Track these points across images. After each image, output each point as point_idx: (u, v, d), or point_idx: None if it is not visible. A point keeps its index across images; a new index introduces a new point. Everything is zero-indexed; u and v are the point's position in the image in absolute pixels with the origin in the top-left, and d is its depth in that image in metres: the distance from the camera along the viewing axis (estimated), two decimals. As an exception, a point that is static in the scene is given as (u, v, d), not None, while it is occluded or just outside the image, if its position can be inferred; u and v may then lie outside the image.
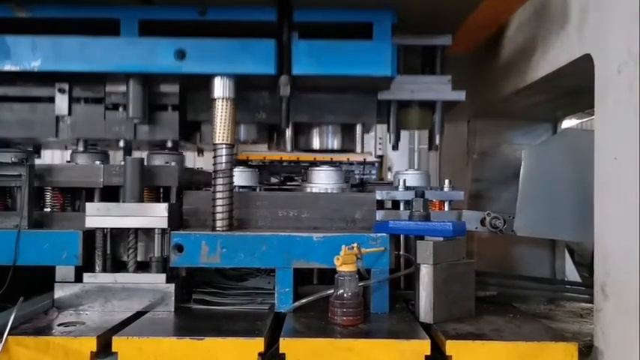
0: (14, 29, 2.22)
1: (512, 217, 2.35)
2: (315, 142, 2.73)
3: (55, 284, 2.19)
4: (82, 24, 2.24)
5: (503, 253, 3.10)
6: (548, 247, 3.20)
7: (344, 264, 1.95)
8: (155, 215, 2.19)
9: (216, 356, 1.77)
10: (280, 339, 1.78)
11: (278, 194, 2.49)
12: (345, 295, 1.95)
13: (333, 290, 1.98)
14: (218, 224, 2.19)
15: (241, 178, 2.53)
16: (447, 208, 2.45)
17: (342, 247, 1.97)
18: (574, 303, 2.67)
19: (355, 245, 1.99)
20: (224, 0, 2.21)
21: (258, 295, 2.29)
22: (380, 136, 10.28)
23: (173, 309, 2.17)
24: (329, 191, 2.53)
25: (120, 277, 2.20)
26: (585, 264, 3.60)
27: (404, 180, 2.47)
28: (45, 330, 1.91)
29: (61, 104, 2.42)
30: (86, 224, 2.18)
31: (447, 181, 2.45)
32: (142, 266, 2.28)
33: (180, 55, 2.20)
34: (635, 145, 1.64)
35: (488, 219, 2.41)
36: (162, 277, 2.21)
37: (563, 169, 2.30)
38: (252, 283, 2.42)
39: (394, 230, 2.16)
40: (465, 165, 3.42)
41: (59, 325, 1.96)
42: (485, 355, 1.78)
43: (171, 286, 2.19)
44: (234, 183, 2.28)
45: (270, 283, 2.29)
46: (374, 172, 9.62)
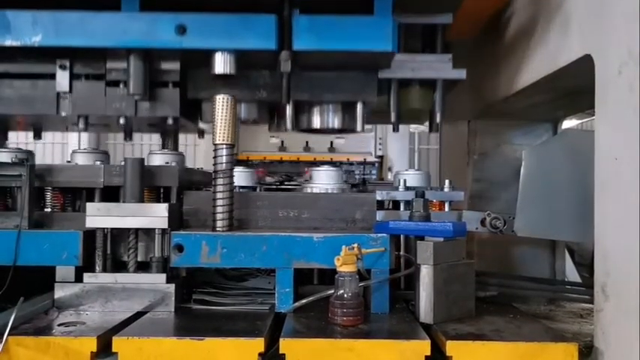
0: (15, 4, 2.20)
1: (513, 218, 2.35)
2: (316, 121, 2.70)
3: (56, 284, 2.19)
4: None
5: (503, 253, 3.10)
6: (548, 247, 3.20)
7: (344, 264, 1.95)
8: (155, 215, 2.19)
9: (217, 356, 1.77)
10: (280, 339, 1.78)
11: (278, 194, 2.49)
12: (346, 296, 1.95)
13: (333, 290, 1.98)
14: (218, 224, 2.19)
15: (240, 178, 2.53)
16: (447, 208, 2.45)
17: (343, 247, 1.97)
18: (574, 303, 2.67)
19: (355, 245, 1.99)
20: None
21: (258, 296, 2.29)
22: (380, 137, 10.30)
23: (173, 309, 2.17)
24: (329, 191, 2.53)
25: (120, 277, 2.20)
26: (585, 264, 3.59)
27: (404, 180, 2.47)
28: (45, 330, 1.91)
29: (62, 81, 2.41)
30: (86, 224, 2.18)
31: (447, 182, 2.46)
32: (143, 266, 2.28)
33: (181, 30, 2.19)
34: (636, 146, 1.63)
35: (488, 219, 2.41)
36: (163, 277, 2.21)
37: (563, 169, 2.30)
38: (253, 283, 2.42)
39: (394, 230, 2.16)
40: (465, 165, 3.41)
41: (59, 325, 1.96)
42: (486, 356, 1.78)
43: (172, 287, 2.19)
44: (234, 183, 2.28)
45: (271, 283, 2.29)
46: (374, 172, 9.63)
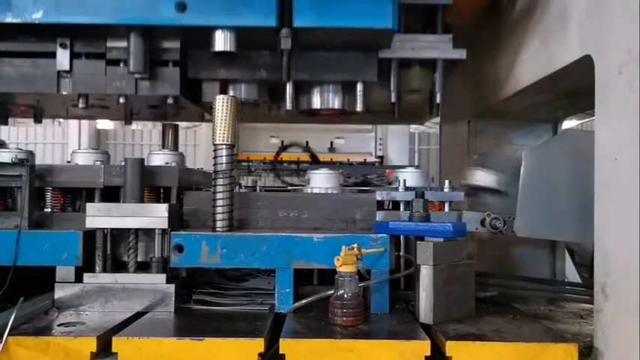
0: None
1: (512, 218, 2.35)
2: (316, 101, 2.70)
3: (56, 284, 2.19)
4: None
5: (503, 253, 3.10)
6: (548, 247, 3.19)
7: (344, 264, 1.95)
8: (155, 216, 2.19)
9: (216, 357, 1.77)
10: (280, 339, 1.78)
11: (278, 195, 2.50)
12: (345, 296, 1.95)
13: (333, 291, 1.98)
14: (218, 225, 2.19)
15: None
16: (447, 208, 2.45)
17: (343, 247, 1.97)
18: (574, 304, 2.67)
19: (355, 246, 1.99)
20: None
21: (258, 296, 2.29)
22: (380, 137, 10.31)
23: (173, 309, 2.17)
24: (329, 192, 2.53)
25: (120, 278, 2.20)
26: (585, 265, 3.58)
27: (404, 180, 2.47)
28: (45, 330, 1.91)
29: (63, 59, 2.40)
30: (86, 224, 2.18)
31: (447, 182, 2.46)
32: (143, 266, 2.28)
33: (181, 8, 2.19)
34: (636, 146, 1.63)
35: (488, 220, 2.40)
36: (163, 277, 2.21)
37: (563, 169, 2.30)
38: (253, 283, 2.42)
39: (394, 231, 2.15)
40: (465, 165, 3.41)
41: (59, 326, 1.96)
42: (486, 356, 1.78)
43: (172, 287, 2.19)
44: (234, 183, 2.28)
45: (271, 283, 2.29)
46: (374, 172, 9.64)
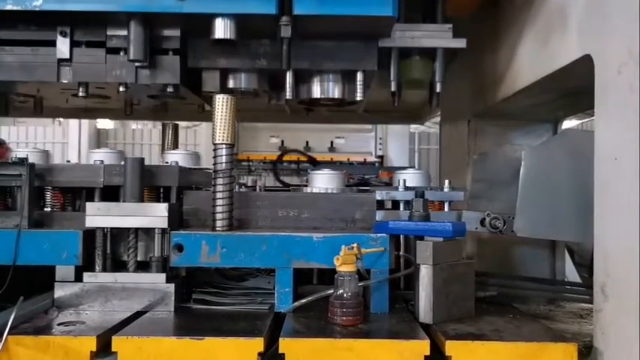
0: None
1: (512, 218, 2.35)
2: (316, 90, 2.69)
3: (55, 284, 2.19)
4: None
5: (503, 253, 3.10)
6: (548, 247, 3.20)
7: (344, 264, 1.95)
8: (155, 215, 2.19)
9: (216, 356, 1.77)
10: (280, 339, 1.78)
11: (278, 194, 2.49)
12: (345, 295, 1.95)
13: (332, 290, 1.98)
14: (218, 224, 2.19)
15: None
16: (446, 208, 2.45)
17: (342, 247, 1.97)
18: (574, 303, 2.67)
19: (355, 245, 1.99)
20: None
21: (258, 295, 2.29)
22: (380, 137, 10.32)
23: (173, 309, 2.17)
24: (329, 191, 2.53)
25: (120, 277, 2.20)
26: (585, 264, 3.59)
27: (404, 180, 2.47)
28: (45, 329, 1.91)
29: (63, 47, 2.39)
30: (86, 224, 2.18)
31: (446, 182, 2.46)
32: (142, 266, 2.28)
33: None
34: (635, 146, 1.63)
35: (487, 219, 2.41)
36: (162, 276, 2.21)
37: (563, 169, 2.30)
38: (252, 283, 2.42)
39: (394, 230, 2.15)
40: (465, 165, 3.41)
41: (59, 325, 1.96)
42: (485, 356, 1.78)
43: (171, 286, 2.20)
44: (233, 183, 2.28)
45: (270, 283, 2.29)
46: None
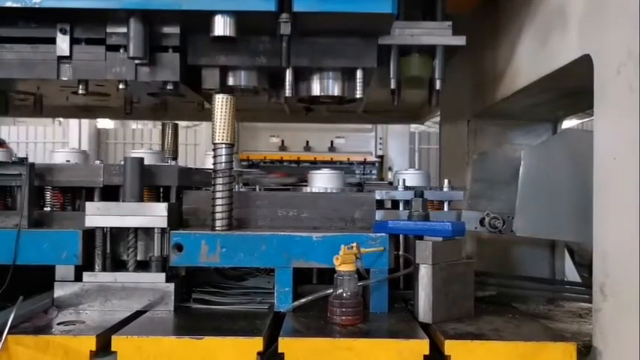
0: None
1: (512, 218, 2.35)
2: (316, 88, 2.70)
3: (55, 283, 2.19)
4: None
5: (502, 253, 3.10)
6: (547, 247, 3.20)
7: (343, 264, 1.95)
8: (155, 215, 2.19)
9: (216, 355, 1.77)
10: (279, 338, 1.78)
11: (278, 194, 2.49)
12: (345, 295, 1.95)
13: (332, 290, 1.98)
14: (218, 224, 2.19)
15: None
16: (446, 208, 2.45)
17: (342, 246, 1.97)
18: (573, 303, 2.67)
19: (354, 245, 1.99)
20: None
21: (257, 295, 2.29)
22: (380, 136, 10.31)
23: (172, 308, 2.17)
24: (328, 191, 2.53)
25: (119, 277, 2.20)
26: (585, 264, 3.59)
27: (403, 180, 2.47)
28: (44, 329, 1.91)
29: (63, 45, 2.39)
30: (86, 223, 2.18)
31: (446, 181, 2.46)
32: (142, 265, 2.28)
33: None
34: (635, 146, 1.63)
35: (487, 219, 2.40)
36: (162, 276, 2.21)
37: (563, 169, 2.30)
38: (252, 282, 2.42)
39: (393, 230, 2.15)
40: (465, 165, 3.41)
41: (59, 324, 1.97)
42: (485, 355, 1.78)
43: (171, 286, 2.20)
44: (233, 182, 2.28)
45: (270, 282, 2.29)
46: (374, 172, 9.66)
